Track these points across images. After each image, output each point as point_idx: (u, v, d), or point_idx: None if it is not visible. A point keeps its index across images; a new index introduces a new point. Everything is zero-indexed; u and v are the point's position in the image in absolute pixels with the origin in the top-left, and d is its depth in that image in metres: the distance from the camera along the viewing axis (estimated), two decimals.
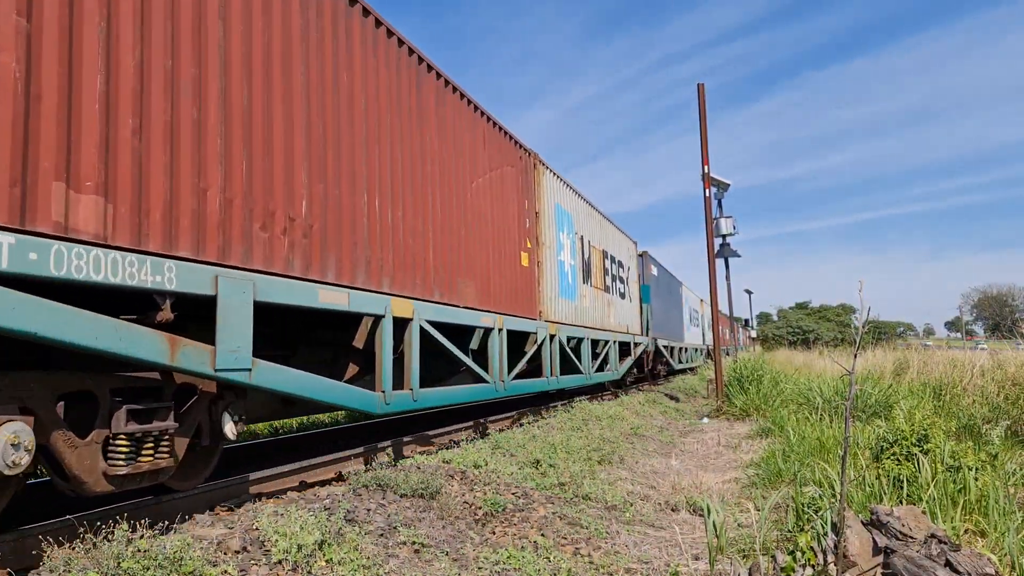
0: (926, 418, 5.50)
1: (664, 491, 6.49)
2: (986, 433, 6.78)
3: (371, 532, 4.10)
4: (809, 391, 11.48)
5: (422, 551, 4.02)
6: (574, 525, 4.90)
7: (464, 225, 8.39)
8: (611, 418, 10.80)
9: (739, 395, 13.84)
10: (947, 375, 10.92)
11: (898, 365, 13.61)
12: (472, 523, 4.73)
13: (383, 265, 6.52)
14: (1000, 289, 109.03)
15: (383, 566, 3.68)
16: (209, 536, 3.69)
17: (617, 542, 4.67)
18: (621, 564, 4.15)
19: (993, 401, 8.72)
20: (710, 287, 15.52)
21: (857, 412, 9.20)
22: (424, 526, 4.43)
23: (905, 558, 2.88)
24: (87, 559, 3.13)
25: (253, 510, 4.37)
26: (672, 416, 13.94)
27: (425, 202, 7.43)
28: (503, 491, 5.46)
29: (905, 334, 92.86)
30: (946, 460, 4.84)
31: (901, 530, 3.17)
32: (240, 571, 3.31)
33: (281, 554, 3.46)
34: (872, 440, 5.89)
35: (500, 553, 4.08)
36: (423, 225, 7.34)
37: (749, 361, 16.29)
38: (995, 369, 9.87)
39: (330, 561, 3.55)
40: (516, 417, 11.65)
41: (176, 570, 3.10)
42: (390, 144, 6.76)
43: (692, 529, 5.19)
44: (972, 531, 4.11)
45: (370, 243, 6.32)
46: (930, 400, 9.50)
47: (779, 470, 6.41)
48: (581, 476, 6.34)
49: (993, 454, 5.44)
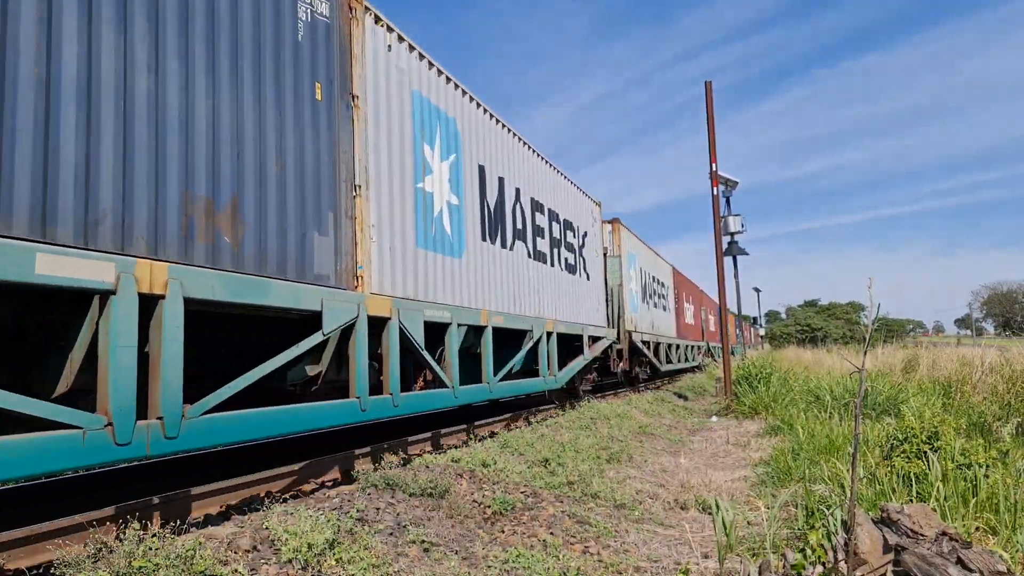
0: (936, 415, 5.47)
1: (673, 489, 6.48)
2: (996, 431, 6.74)
3: (381, 531, 4.12)
4: (818, 389, 11.44)
5: (431, 550, 4.03)
6: (583, 524, 4.90)
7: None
8: (619, 417, 10.81)
9: (748, 393, 13.79)
10: (957, 372, 10.85)
11: (907, 363, 13.54)
12: (481, 522, 4.74)
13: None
14: (1010, 286, 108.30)
15: (392, 565, 3.69)
16: (219, 535, 3.71)
17: (626, 541, 4.67)
18: (630, 562, 4.14)
19: (1003, 398, 8.66)
20: (718, 285, 15.48)
21: (867, 410, 9.16)
22: (433, 525, 4.44)
23: (916, 556, 2.87)
24: (99, 558, 3.15)
25: (263, 510, 4.38)
26: (681, 415, 13.91)
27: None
28: (512, 490, 5.47)
29: (915, 332, 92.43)
30: (956, 458, 4.82)
31: (912, 528, 3.16)
32: (250, 570, 3.32)
33: (291, 553, 3.48)
34: (882, 438, 5.86)
35: (509, 552, 4.08)
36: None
37: (758, 359, 16.23)
38: (1004, 366, 9.81)
39: (340, 560, 3.56)
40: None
41: (187, 569, 3.12)
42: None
43: (701, 527, 5.18)
44: (983, 529, 4.09)
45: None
46: (939, 398, 9.45)
47: (788, 468, 6.40)
48: (590, 475, 6.33)
49: (1004, 451, 5.41)
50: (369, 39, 6.57)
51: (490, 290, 8.99)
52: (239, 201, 4.82)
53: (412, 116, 7.30)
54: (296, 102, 5.49)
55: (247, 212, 4.89)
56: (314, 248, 5.55)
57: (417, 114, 7.41)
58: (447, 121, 8.17)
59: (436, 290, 7.48)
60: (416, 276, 7.05)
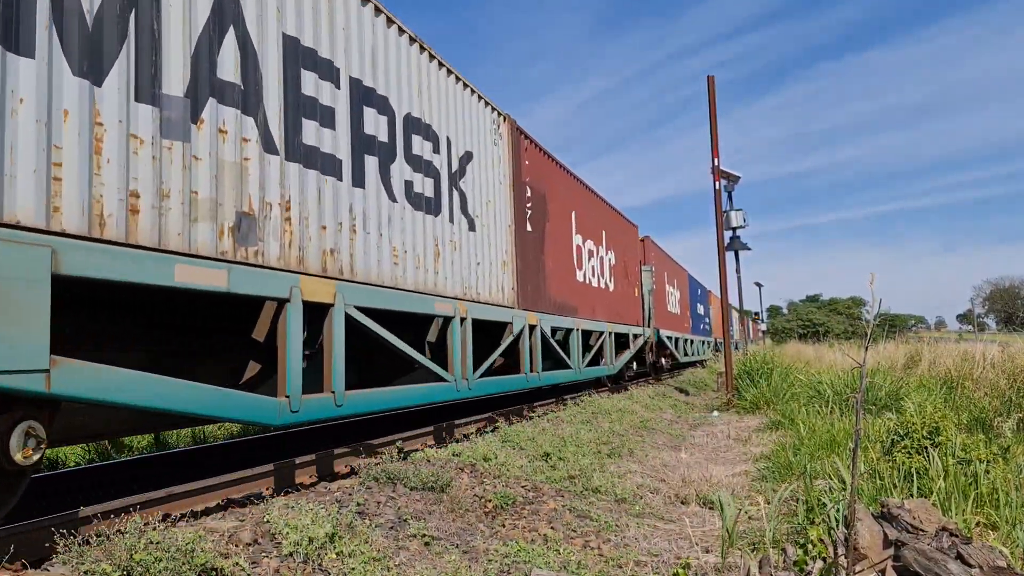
0: (937, 411, 5.47)
1: (674, 484, 6.49)
2: (997, 426, 6.74)
3: (381, 525, 4.13)
4: (819, 384, 11.44)
5: (432, 544, 4.03)
6: (584, 518, 4.91)
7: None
8: (620, 412, 10.81)
9: (749, 388, 13.79)
10: (958, 368, 10.84)
11: (909, 358, 13.53)
12: (482, 516, 4.75)
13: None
14: (1013, 281, 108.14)
15: (393, 559, 3.70)
16: (221, 528, 3.72)
17: (627, 535, 4.67)
18: (631, 557, 4.15)
19: (1005, 394, 8.65)
20: (720, 280, 15.47)
21: (868, 405, 9.16)
22: (434, 519, 4.45)
23: (916, 551, 2.87)
24: (99, 551, 3.16)
25: (264, 504, 4.39)
26: (682, 410, 13.91)
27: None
28: (513, 484, 5.48)
29: (917, 327, 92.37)
30: (957, 453, 4.82)
31: (912, 523, 3.16)
32: (251, 563, 3.33)
33: (292, 547, 3.48)
34: (883, 433, 5.86)
35: (510, 546, 4.09)
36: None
37: (759, 354, 16.23)
38: (1006, 361, 9.80)
39: (340, 554, 3.57)
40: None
41: (188, 562, 3.12)
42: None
43: (702, 522, 5.18)
44: (984, 524, 4.09)
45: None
46: (941, 393, 9.44)
47: (789, 463, 6.40)
48: (591, 469, 6.34)
49: (1005, 447, 5.41)
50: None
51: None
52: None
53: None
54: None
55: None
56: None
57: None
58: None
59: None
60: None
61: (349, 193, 6.06)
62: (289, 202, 5.30)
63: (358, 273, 6.07)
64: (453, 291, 7.84)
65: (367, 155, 6.39)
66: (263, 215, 5.01)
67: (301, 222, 5.41)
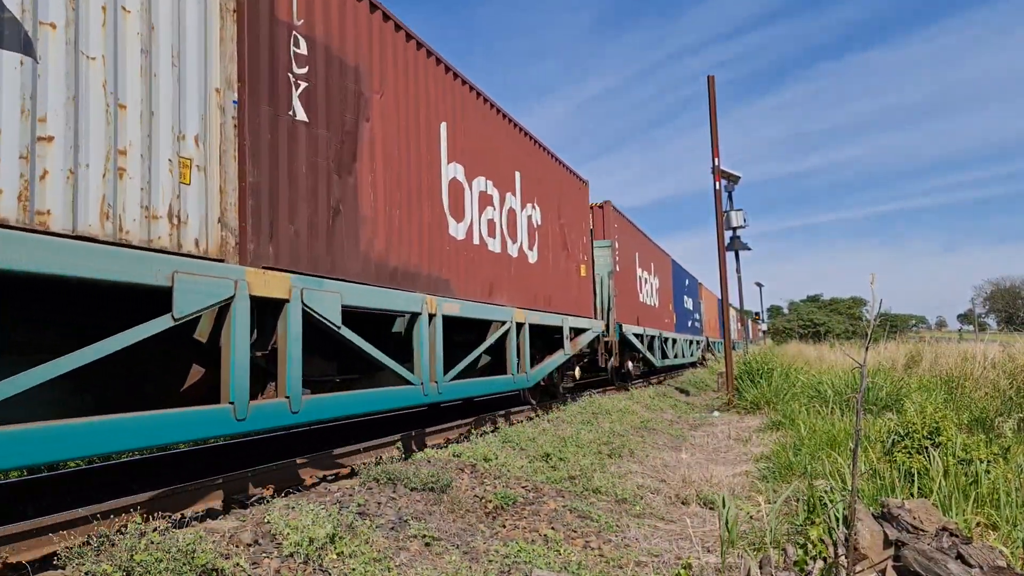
0: (937, 411, 5.47)
1: (674, 484, 6.49)
2: (998, 426, 6.74)
3: (382, 526, 4.13)
4: (820, 384, 11.44)
5: (433, 544, 4.04)
6: (584, 518, 4.91)
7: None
8: (621, 412, 10.83)
9: (750, 389, 13.79)
10: (959, 368, 10.84)
11: (910, 358, 13.53)
12: (482, 516, 4.75)
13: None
14: (1014, 281, 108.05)
15: (394, 559, 3.70)
16: (221, 529, 3.72)
17: (627, 535, 4.67)
18: (631, 557, 4.15)
19: (1005, 394, 8.65)
20: (720, 280, 15.46)
21: (868, 405, 9.16)
22: (435, 519, 4.45)
23: (916, 551, 2.87)
24: (100, 551, 3.16)
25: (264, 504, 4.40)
26: (682, 410, 13.92)
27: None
28: (513, 485, 5.48)
29: (917, 327, 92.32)
30: (958, 453, 4.82)
31: (912, 523, 3.16)
32: (252, 564, 3.34)
33: (292, 547, 3.49)
34: (883, 433, 5.86)
35: (510, 546, 4.09)
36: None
37: (760, 354, 16.23)
38: (1007, 361, 9.80)
39: (341, 554, 3.57)
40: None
41: (188, 562, 3.13)
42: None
43: (703, 522, 5.18)
44: (984, 524, 4.09)
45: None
46: (941, 393, 9.44)
47: (790, 464, 6.40)
48: (591, 469, 6.34)
49: (1005, 447, 5.41)
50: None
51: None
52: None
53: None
54: None
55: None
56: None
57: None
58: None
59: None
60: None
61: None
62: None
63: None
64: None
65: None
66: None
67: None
